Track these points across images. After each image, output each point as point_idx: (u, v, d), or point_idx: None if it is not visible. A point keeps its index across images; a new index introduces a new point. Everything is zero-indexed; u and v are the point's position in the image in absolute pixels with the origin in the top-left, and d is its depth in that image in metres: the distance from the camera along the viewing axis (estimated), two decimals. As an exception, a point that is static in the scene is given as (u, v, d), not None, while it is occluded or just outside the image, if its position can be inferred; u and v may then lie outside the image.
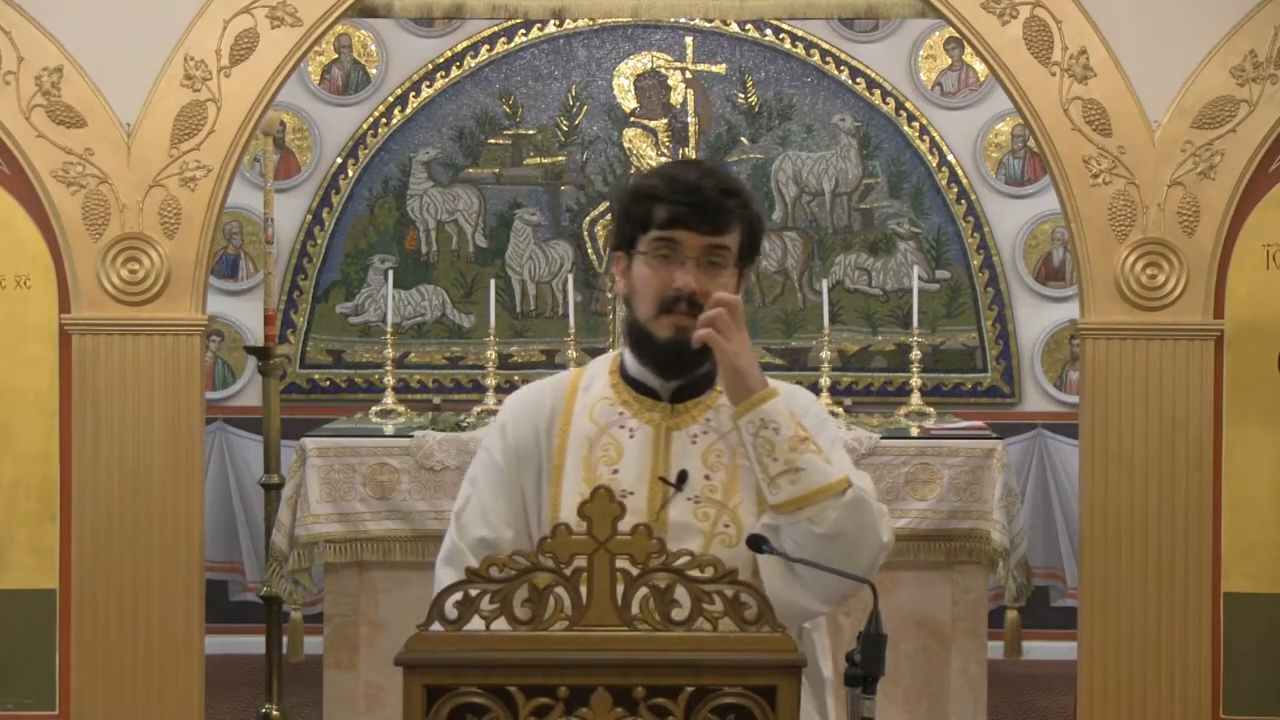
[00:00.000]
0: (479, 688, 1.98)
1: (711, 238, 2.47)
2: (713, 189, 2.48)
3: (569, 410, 2.59)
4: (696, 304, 2.46)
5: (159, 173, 4.64)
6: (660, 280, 2.48)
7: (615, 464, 2.54)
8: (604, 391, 2.61)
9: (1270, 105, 4.58)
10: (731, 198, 2.49)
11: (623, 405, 2.58)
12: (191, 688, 4.65)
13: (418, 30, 7.11)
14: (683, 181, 2.49)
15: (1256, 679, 4.65)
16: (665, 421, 2.56)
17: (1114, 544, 4.61)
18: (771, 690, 1.98)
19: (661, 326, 2.49)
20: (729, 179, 2.55)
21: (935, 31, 7.01)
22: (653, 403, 2.58)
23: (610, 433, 2.56)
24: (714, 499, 2.51)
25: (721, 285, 2.49)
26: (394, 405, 5.78)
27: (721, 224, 2.48)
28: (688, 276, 2.46)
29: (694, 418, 2.57)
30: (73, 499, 4.65)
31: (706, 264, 2.48)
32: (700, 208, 2.46)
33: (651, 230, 2.49)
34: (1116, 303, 4.62)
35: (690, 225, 2.46)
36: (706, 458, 2.54)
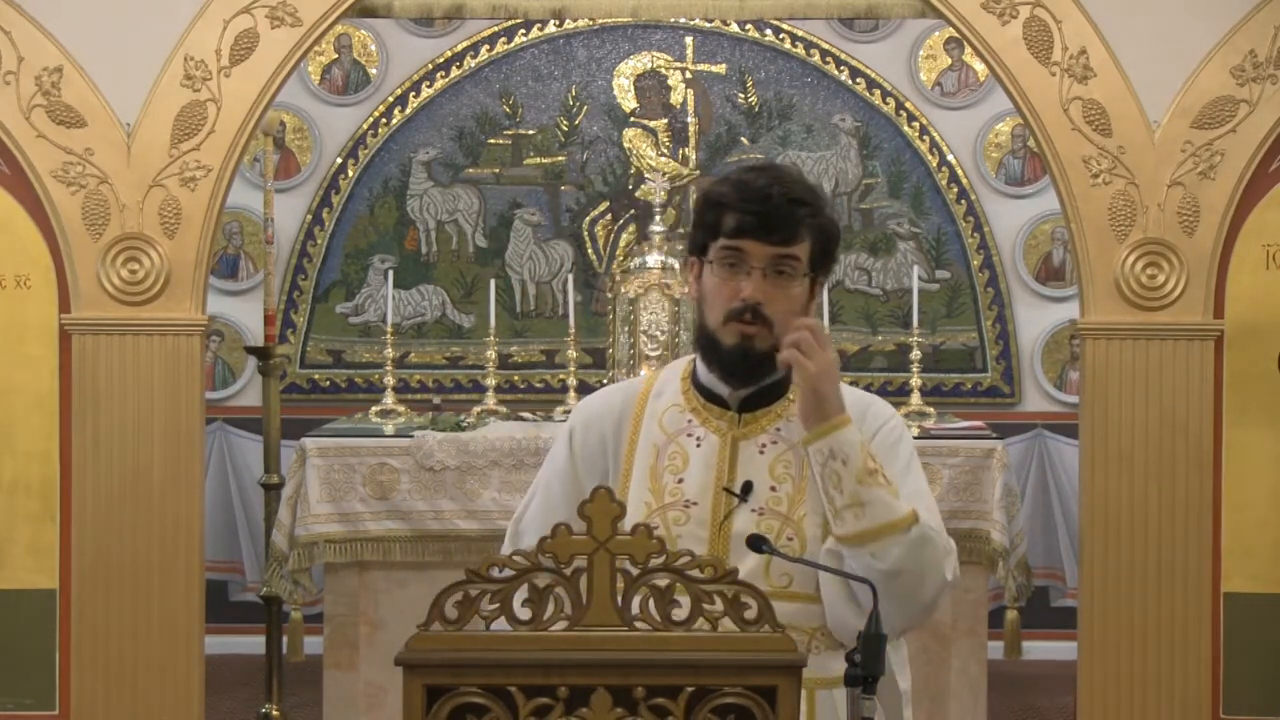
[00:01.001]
0: (479, 688, 1.98)
1: (779, 248, 2.44)
2: (781, 198, 2.43)
3: (639, 417, 2.58)
4: (761, 314, 2.44)
5: (159, 173, 4.64)
6: (728, 289, 2.46)
7: (681, 473, 2.52)
8: (674, 398, 2.59)
9: (1270, 105, 4.58)
10: (801, 207, 2.45)
11: (691, 413, 2.56)
12: (191, 688, 4.65)
13: (418, 30, 7.11)
14: (752, 189, 2.45)
15: (1256, 679, 4.65)
16: (733, 431, 2.54)
17: (1114, 544, 4.61)
18: (771, 690, 1.97)
19: (728, 334, 2.47)
20: (799, 187, 2.49)
21: (935, 31, 7.01)
22: (721, 411, 2.55)
23: (678, 441, 2.55)
24: (778, 511, 2.49)
25: (790, 296, 2.46)
26: (394, 405, 5.78)
27: (789, 234, 2.44)
28: (753, 287, 2.44)
29: (763, 427, 2.54)
30: (73, 499, 4.65)
31: (774, 274, 2.45)
32: (767, 217, 2.43)
33: (720, 238, 2.46)
34: (1116, 303, 4.62)
35: (757, 235, 2.43)
36: (774, 469, 2.51)
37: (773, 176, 2.49)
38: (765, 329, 2.46)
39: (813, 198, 2.49)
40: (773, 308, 2.45)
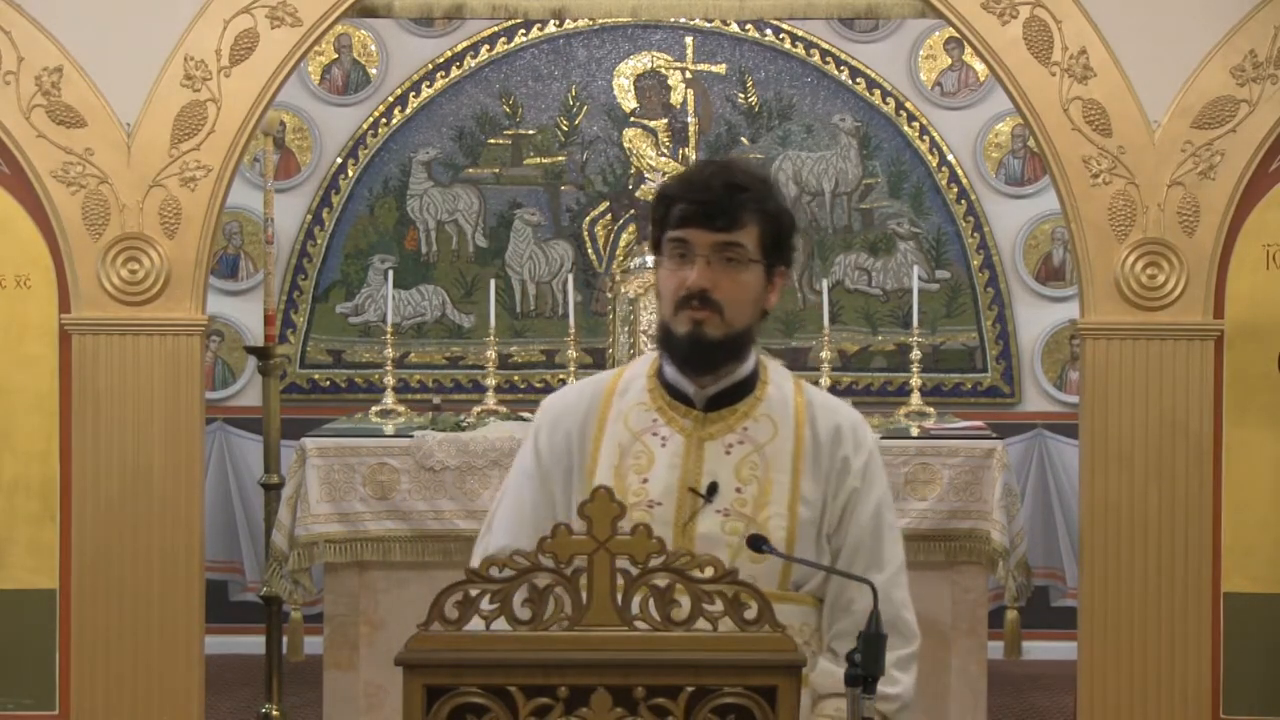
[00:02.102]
0: (479, 688, 1.98)
1: (721, 235, 2.45)
2: (721, 186, 2.45)
3: (604, 415, 2.57)
4: (710, 300, 2.44)
5: (159, 173, 4.64)
6: (676, 279, 2.47)
7: (645, 473, 2.51)
8: (640, 396, 2.58)
9: (1270, 105, 4.58)
10: (743, 193, 2.46)
11: (657, 411, 2.55)
12: (191, 688, 4.65)
13: (418, 30, 7.11)
14: (695, 180, 2.49)
15: (1256, 679, 4.65)
16: (698, 430, 2.53)
17: (1114, 544, 4.61)
18: (771, 690, 1.98)
19: (679, 323, 2.47)
20: (743, 175, 2.50)
21: (935, 31, 7.01)
22: (686, 409, 2.54)
23: (643, 440, 2.53)
24: (744, 512, 2.48)
25: (740, 282, 2.47)
26: (394, 405, 5.78)
27: (731, 221, 2.45)
28: (697, 273, 2.44)
29: (730, 427, 2.53)
30: (73, 499, 4.65)
31: (722, 261, 2.45)
32: (709, 205, 2.44)
33: (668, 232, 2.48)
34: (1116, 303, 4.62)
35: (700, 223, 2.44)
36: (740, 470, 2.50)
37: (718, 167, 2.53)
38: (715, 315, 2.46)
39: (757, 185, 2.50)
40: (721, 294, 2.45)
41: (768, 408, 2.55)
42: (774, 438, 2.53)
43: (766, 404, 2.56)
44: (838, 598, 2.52)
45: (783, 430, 2.54)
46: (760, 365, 2.61)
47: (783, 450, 2.52)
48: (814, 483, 2.52)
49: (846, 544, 2.54)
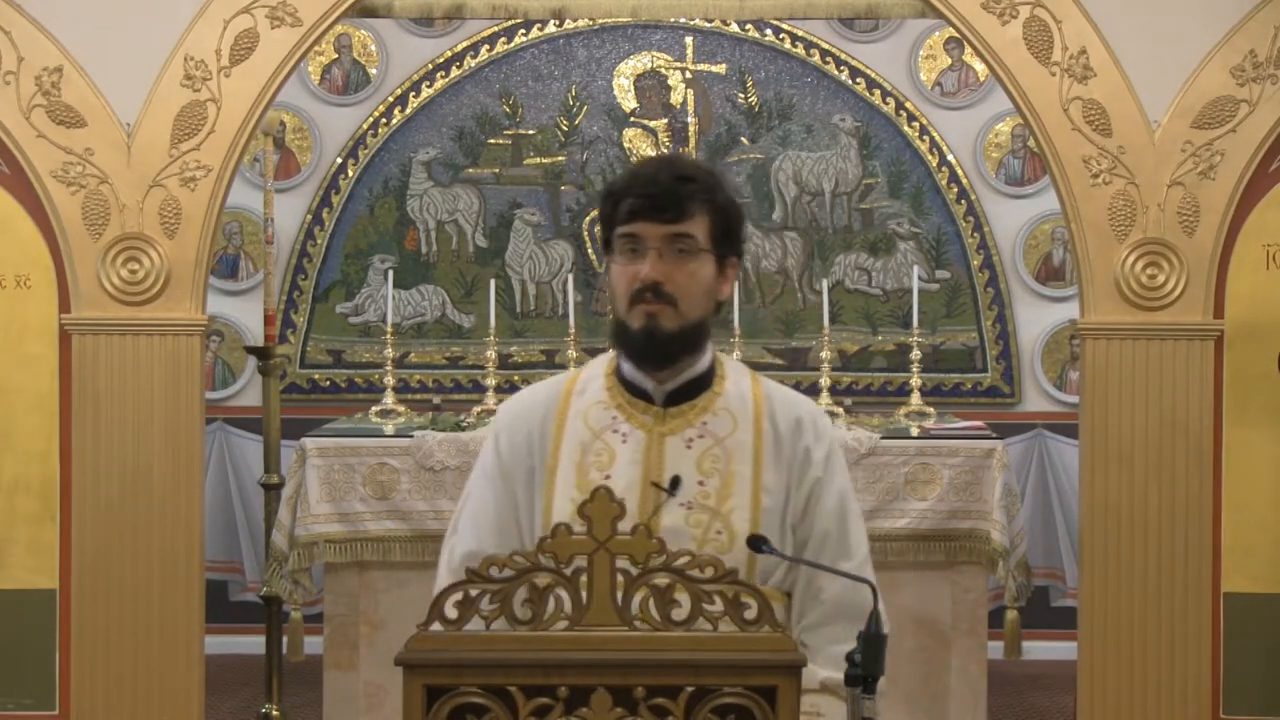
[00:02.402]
0: (479, 688, 1.98)
1: (671, 226, 2.46)
2: (668, 178, 2.46)
3: (563, 414, 2.58)
4: (662, 292, 2.45)
5: (159, 173, 4.64)
6: (629, 275, 2.48)
7: (607, 469, 2.51)
8: (599, 395, 2.59)
9: (1270, 105, 4.58)
10: (689, 184, 2.47)
11: (616, 409, 2.56)
12: (191, 688, 4.65)
13: (418, 30, 7.11)
14: (641, 175, 2.50)
15: (1256, 679, 4.65)
16: (658, 426, 2.54)
17: (1114, 544, 4.62)
18: (771, 690, 1.98)
19: (634, 317, 2.48)
20: (689, 167, 2.53)
21: (935, 31, 7.01)
22: (646, 406, 2.55)
23: (604, 437, 2.54)
24: (707, 505, 2.48)
25: (692, 273, 2.47)
26: (394, 405, 5.78)
27: (679, 212, 2.46)
28: (649, 266, 2.45)
29: (689, 422, 2.55)
30: (73, 499, 4.65)
31: (673, 253, 2.46)
32: (656, 198, 2.45)
33: (618, 229, 2.49)
34: (1116, 303, 4.62)
35: (648, 216, 2.45)
36: (701, 463, 2.51)
37: (663, 161, 2.57)
38: (669, 307, 2.46)
39: (704, 176, 2.51)
40: (674, 285, 2.46)
41: (726, 402, 2.56)
42: (734, 431, 2.54)
43: (725, 398, 2.57)
44: (806, 588, 2.53)
45: (742, 423, 2.55)
46: (716, 361, 2.61)
47: (743, 443, 2.53)
48: (776, 474, 2.53)
49: (814, 533, 2.55)
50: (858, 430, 5.41)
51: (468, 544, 2.56)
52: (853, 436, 5.32)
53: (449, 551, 2.59)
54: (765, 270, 7.09)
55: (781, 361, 7.04)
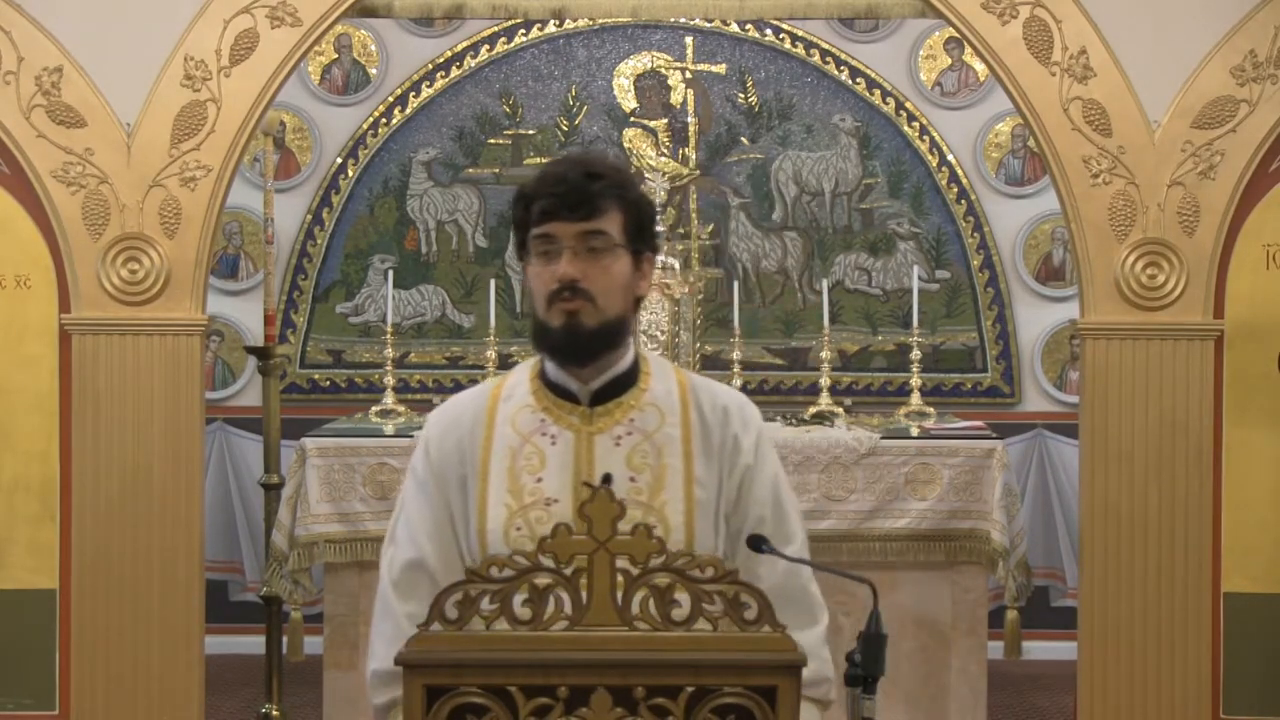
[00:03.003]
0: (479, 688, 1.98)
1: (584, 224, 2.45)
2: (578, 176, 2.45)
3: (491, 421, 2.56)
4: (580, 290, 2.44)
5: (159, 173, 4.64)
6: (545, 275, 2.47)
7: (539, 472, 2.51)
8: (525, 399, 2.58)
9: (1270, 105, 4.58)
10: (598, 180, 2.46)
11: (544, 412, 2.55)
12: (191, 688, 4.65)
13: (418, 30, 7.11)
14: (551, 175, 2.49)
15: (1256, 679, 4.65)
16: (586, 426, 2.54)
17: (1114, 544, 4.62)
18: (771, 690, 1.97)
19: (553, 317, 2.47)
20: (598, 164, 2.51)
21: (935, 31, 7.01)
22: (572, 406, 2.55)
23: (533, 441, 2.54)
24: (640, 501, 2.48)
25: (607, 269, 2.46)
26: (394, 405, 5.78)
27: (591, 209, 2.45)
28: (565, 265, 2.44)
29: (616, 419, 2.54)
30: (73, 499, 4.65)
31: (587, 251, 2.45)
32: (566, 196, 2.44)
33: (531, 229, 2.48)
34: (1116, 303, 4.62)
35: (560, 215, 2.44)
36: (631, 460, 2.51)
37: (573, 160, 2.53)
38: (588, 304, 2.46)
39: (613, 172, 2.50)
40: (591, 282, 2.45)
41: (652, 397, 2.56)
42: (661, 425, 2.54)
43: (651, 394, 2.57)
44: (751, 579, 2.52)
45: (669, 417, 2.55)
46: (640, 358, 2.61)
47: (671, 437, 2.54)
48: (706, 465, 2.53)
49: (748, 520, 2.55)
50: (858, 430, 5.41)
51: (408, 553, 2.54)
52: (853, 436, 5.32)
53: (388, 562, 2.57)
54: (765, 270, 7.09)
55: (781, 361, 7.05)
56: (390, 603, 2.51)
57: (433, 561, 2.51)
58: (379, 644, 2.52)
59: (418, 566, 2.51)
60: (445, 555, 2.52)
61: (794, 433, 5.38)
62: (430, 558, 2.51)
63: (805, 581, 2.53)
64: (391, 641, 2.44)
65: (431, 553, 2.51)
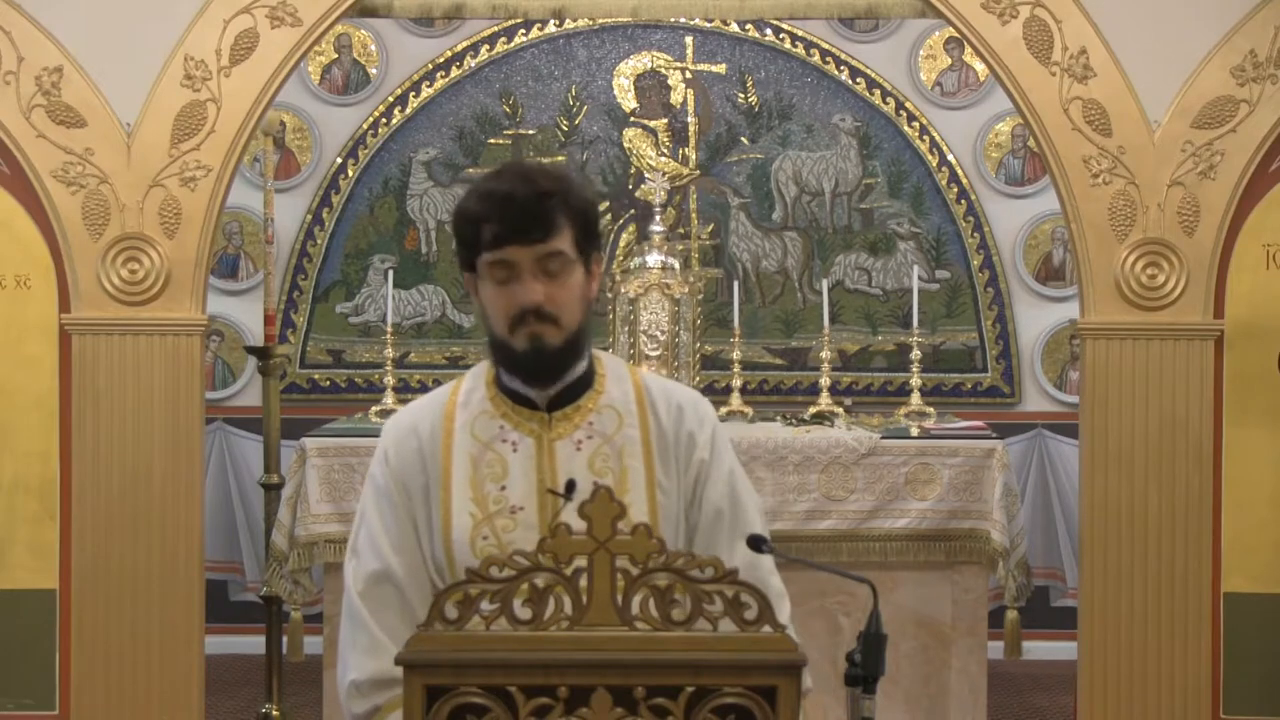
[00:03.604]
0: (479, 688, 1.97)
1: (541, 246, 2.41)
2: (528, 196, 2.41)
3: (449, 429, 2.55)
4: (545, 313, 2.43)
5: (159, 173, 4.64)
6: (505, 299, 2.44)
7: (502, 480, 2.51)
8: (483, 405, 2.56)
9: (1270, 105, 4.58)
10: (549, 198, 2.42)
11: (502, 418, 2.55)
12: (191, 688, 4.65)
13: (418, 30, 7.11)
14: (497, 196, 2.42)
15: (1256, 679, 4.65)
16: (546, 432, 2.53)
17: (1114, 544, 4.61)
18: (771, 690, 1.97)
19: (519, 340, 2.45)
20: (542, 178, 2.45)
21: (935, 31, 7.01)
22: (531, 413, 2.54)
23: (493, 448, 2.53)
24: None
25: (567, 286, 2.45)
26: (394, 405, 5.77)
27: (546, 230, 2.41)
28: (528, 290, 2.42)
29: (575, 424, 2.54)
30: (73, 499, 4.65)
31: (546, 272, 2.43)
32: (519, 220, 2.40)
33: (483, 253, 2.43)
34: (1116, 303, 4.62)
35: (516, 240, 2.41)
36: (593, 463, 2.51)
37: (513, 176, 2.46)
38: (552, 325, 2.44)
39: (557, 184, 2.45)
40: (554, 304, 2.43)
41: (609, 399, 2.56)
42: (620, 427, 2.54)
43: (607, 396, 2.57)
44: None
45: (627, 419, 2.55)
46: (594, 359, 2.60)
47: (631, 438, 2.54)
48: (664, 466, 2.54)
49: (704, 514, 2.55)
50: (858, 430, 5.41)
51: (372, 564, 2.52)
52: (853, 436, 5.32)
53: (353, 573, 2.55)
54: (765, 270, 7.09)
55: (781, 361, 7.05)
56: (361, 614, 2.50)
57: (398, 572, 2.50)
58: (353, 654, 2.51)
59: (383, 578, 2.50)
60: (410, 565, 2.51)
61: (794, 433, 5.38)
62: (395, 568, 2.50)
63: (766, 574, 2.51)
64: (368, 651, 2.45)
65: (396, 564, 2.50)
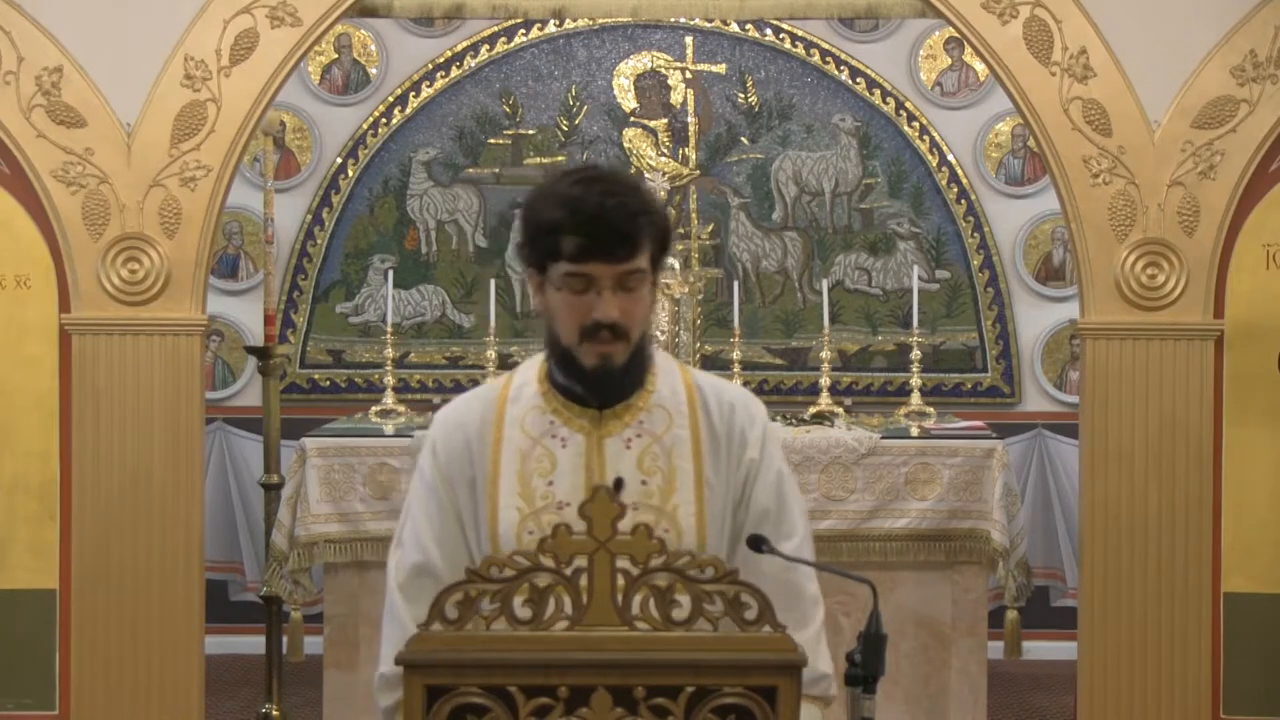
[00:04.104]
0: (479, 688, 1.97)
1: (624, 265, 2.39)
2: (618, 214, 2.37)
3: (499, 423, 2.54)
4: (620, 328, 2.41)
5: (159, 173, 4.64)
6: (579, 311, 2.41)
7: (550, 475, 2.50)
8: (534, 400, 2.55)
9: (1270, 105, 4.58)
10: (639, 217, 2.39)
11: (553, 414, 2.53)
12: (191, 688, 4.65)
13: (418, 30, 7.11)
14: (585, 211, 2.37)
15: (1256, 679, 4.65)
16: (597, 430, 2.52)
17: (1114, 544, 4.62)
18: (771, 690, 1.97)
19: (586, 355, 2.44)
20: (632, 195, 2.41)
21: (935, 31, 7.00)
22: (582, 409, 2.53)
23: (543, 443, 2.52)
24: (651, 504, 2.47)
25: (641, 302, 2.44)
26: (394, 405, 5.78)
27: (633, 249, 2.39)
28: (607, 307, 2.39)
29: (626, 422, 2.53)
30: (73, 499, 4.65)
31: (624, 288, 2.41)
32: (607, 238, 2.37)
33: (561, 263, 2.40)
34: (1116, 303, 4.62)
35: (601, 258, 2.38)
36: (642, 462, 2.50)
37: (602, 189, 2.40)
38: (623, 342, 2.43)
39: (645, 203, 2.42)
40: (628, 319, 2.42)
41: (659, 398, 2.55)
42: (670, 427, 2.53)
43: (658, 395, 2.55)
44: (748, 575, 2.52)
45: (677, 418, 2.54)
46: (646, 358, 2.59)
47: (681, 438, 2.53)
48: (715, 465, 2.53)
49: (751, 512, 2.54)
50: (858, 430, 5.41)
51: (414, 556, 2.53)
52: (853, 436, 5.32)
53: (395, 565, 2.56)
54: (765, 270, 7.09)
55: (781, 361, 7.04)
56: (397, 607, 2.50)
57: (439, 565, 2.49)
58: (386, 647, 2.51)
59: (424, 571, 2.50)
60: (452, 559, 2.50)
61: (794, 433, 5.38)
62: (437, 561, 2.49)
63: (803, 579, 2.52)
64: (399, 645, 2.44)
65: (438, 556, 2.50)
